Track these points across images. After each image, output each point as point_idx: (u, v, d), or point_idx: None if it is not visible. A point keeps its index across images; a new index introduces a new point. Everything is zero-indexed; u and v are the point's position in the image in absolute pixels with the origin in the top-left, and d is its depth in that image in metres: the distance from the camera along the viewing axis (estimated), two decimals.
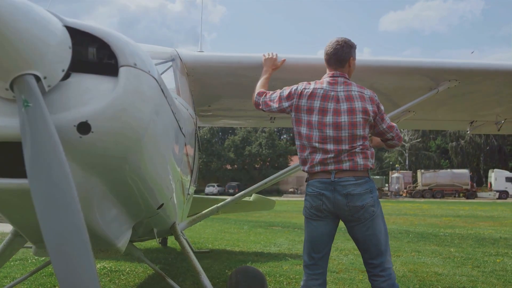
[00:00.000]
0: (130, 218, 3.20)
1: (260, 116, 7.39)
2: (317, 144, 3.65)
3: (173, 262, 7.92)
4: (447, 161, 74.81)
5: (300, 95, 3.80)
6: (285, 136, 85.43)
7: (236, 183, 61.42)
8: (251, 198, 8.43)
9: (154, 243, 9.37)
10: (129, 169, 2.64)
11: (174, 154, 3.51)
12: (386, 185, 57.58)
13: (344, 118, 3.62)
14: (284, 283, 6.34)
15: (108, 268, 7.14)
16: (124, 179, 2.71)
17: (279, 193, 62.15)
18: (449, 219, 19.80)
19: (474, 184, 57.47)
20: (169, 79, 4.55)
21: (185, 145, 4.05)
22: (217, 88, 5.84)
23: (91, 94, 2.33)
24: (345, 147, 3.60)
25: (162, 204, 3.42)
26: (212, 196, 11.52)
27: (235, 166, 70.25)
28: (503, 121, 6.97)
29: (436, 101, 5.83)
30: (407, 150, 71.57)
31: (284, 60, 4.81)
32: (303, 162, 3.79)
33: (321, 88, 3.75)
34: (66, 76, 2.32)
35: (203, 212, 5.39)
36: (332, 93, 3.70)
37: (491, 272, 7.35)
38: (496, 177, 56.00)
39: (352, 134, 3.60)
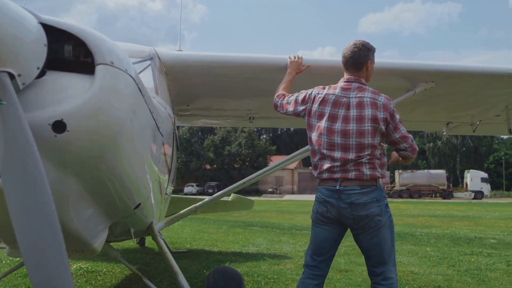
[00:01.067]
0: (107, 218, 3.17)
1: (238, 116, 7.39)
2: (325, 151, 3.66)
3: (151, 263, 7.87)
4: (424, 161, 75.88)
5: (313, 100, 3.80)
6: (264, 136, 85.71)
7: (215, 183, 61.33)
8: (230, 198, 8.40)
9: (132, 243, 9.30)
10: (105, 168, 2.61)
11: (151, 154, 3.48)
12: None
13: (352, 126, 3.59)
14: (262, 283, 6.34)
15: (85, 268, 7.05)
16: (100, 179, 2.68)
17: (258, 193, 62.20)
18: (425, 219, 20.06)
19: (451, 184, 58.35)
20: (147, 78, 4.51)
21: (163, 144, 4.03)
22: (196, 87, 5.82)
23: (67, 93, 2.30)
24: (352, 156, 3.56)
25: (139, 204, 3.39)
26: (190, 196, 11.47)
27: (215, 166, 70.10)
28: (478, 123, 7.09)
29: (413, 102, 5.89)
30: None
31: (308, 66, 4.83)
32: (314, 167, 3.83)
33: (333, 94, 3.72)
34: (41, 74, 2.28)
35: (181, 212, 5.36)
36: (344, 100, 3.66)
37: (466, 271, 7.47)
38: (472, 177, 56.97)
39: (359, 143, 3.56)
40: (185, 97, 6.25)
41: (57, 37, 2.36)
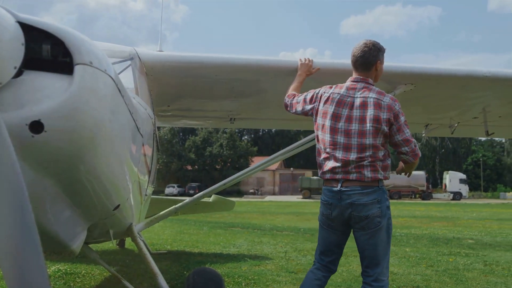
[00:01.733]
0: (85, 219, 3.13)
1: (219, 117, 7.39)
2: (328, 149, 3.69)
3: (131, 264, 7.81)
4: None
5: (320, 99, 3.84)
6: (246, 137, 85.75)
7: (197, 184, 61.17)
8: (211, 199, 8.40)
9: (111, 244, 9.22)
10: (83, 169, 2.58)
11: (131, 154, 3.46)
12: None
13: (354, 126, 3.61)
14: (243, 284, 6.34)
15: (63, 270, 6.98)
16: (79, 180, 2.65)
17: (240, 194, 62.25)
18: (405, 220, 20.27)
19: (430, 185, 59.00)
20: (127, 79, 4.48)
21: (143, 145, 4.00)
22: (177, 88, 5.80)
23: (45, 92, 2.27)
24: (353, 156, 3.57)
25: (119, 205, 3.36)
26: (171, 197, 11.41)
27: (196, 166, 69.91)
28: (456, 125, 7.17)
29: None
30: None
31: (318, 68, 4.88)
32: (319, 166, 3.85)
33: (338, 93, 3.74)
34: (19, 74, 2.25)
35: (161, 213, 5.34)
36: (348, 99, 3.68)
37: (444, 271, 7.56)
38: (451, 178, 57.79)
39: (360, 143, 3.57)
40: (166, 98, 6.22)
41: (35, 36, 2.33)
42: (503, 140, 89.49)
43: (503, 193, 68.00)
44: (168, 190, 58.61)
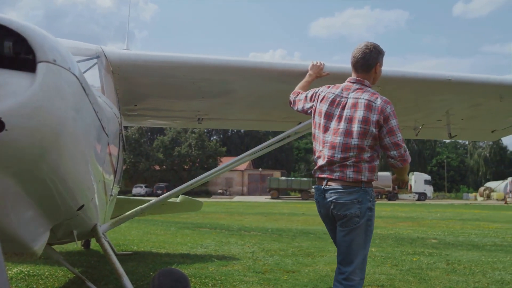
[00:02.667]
0: (48, 220, 3.08)
1: (187, 117, 7.35)
2: (320, 148, 3.79)
3: (96, 265, 7.70)
4: None
5: (318, 98, 3.93)
6: (215, 138, 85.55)
7: (165, 184, 60.69)
8: (178, 199, 8.34)
9: (76, 245, 9.07)
10: (46, 168, 2.54)
11: (95, 154, 3.42)
12: (313, 186, 58.76)
13: (343, 125, 3.67)
14: (210, 284, 6.33)
15: (26, 272, 6.82)
16: (41, 180, 2.60)
17: (208, 194, 62.06)
18: None
19: (396, 186, 59.92)
20: (93, 77, 4.42)
21: (108, 144, 3.95)
22: (144, 87, 5.74)
23: (6, 90, 2.22)
24: (338, 156, 3.64)
25: (83, 205, 3.31)
26: (137, 197, 11.28)
27: (164, 166, 69.34)
28: (420, 127, 7.31)
29: None
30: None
31: (328, 74, 4.92)
32: (314, 165, 3.93)
33: (333, 93, 3.83)
34: None
35: (127, 213, 5.27)
36: (342, 99, 3.75)
37: (408, 270, 7.70)
38: (416, 179, 58.85)
39: (345, 143, 3.62)
40: (133, 97, 6.15)
41: None
42: (467, 142, 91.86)
43: (466, 194, 69.82)
44: (135, 190, 57.96)
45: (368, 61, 3.84)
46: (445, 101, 6.23)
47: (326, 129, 3.77)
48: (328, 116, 3.78)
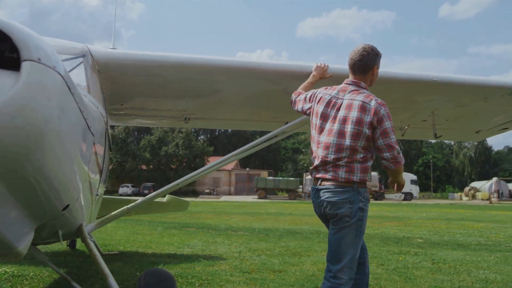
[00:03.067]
0: (32, 220, 3.05)
1: (174, 117, 7.32)
2: (315, 149, 3.85)
3: (82, 265, 7.64)
4: None
5: (316, 99, 3.97)
6: (202, 137, 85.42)
7: (152, 183, 60.45)
8: (165, 199, 8.32)
9: (61, 245, 9.00)
10: (31, 168, 2.51)
11: (81, 153, 3.40)
12: (300, 186, 58.97)
13: (336, 126, 3.71)
14: (196, 284, 6.31)
15: (10, 272, 6.75)
16: (26, 179, 2.58)
17: (195, 194, 61.96)
18: None
19: (382, 186, 60.27)
20: (79, 76, 4.40)
21: (94, 144, 3.93)
22: (130, 86, 5.71)
23: None
24: (331, 156, 3.68)
25: (68, 205, 3.29)
26: (124, 197, 11.22)
27: (151, 166, 69.07)
28: (406, 127, 7.36)
29: None
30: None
31: (331, 75, 4.94)
32: (311, 165, 3.98)
33: (329, 94, 3.87)
34: None
35: (113, 213, 5.25)
36: (338, 101, 3.80)
37: (394, 270, 7.75)
38: None
39: (339, 143, 3.66)
40: (119, 96, 6.12)
41: None
42: (452, 143, 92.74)
43: (451, 194, 70.54)
44: (122, 190, 57.67)
45: (365, 64, 3.89)
46: (430, 102, 6.28)
47: (321, 129, 3.83)
48: (324, 117, 3.83)
